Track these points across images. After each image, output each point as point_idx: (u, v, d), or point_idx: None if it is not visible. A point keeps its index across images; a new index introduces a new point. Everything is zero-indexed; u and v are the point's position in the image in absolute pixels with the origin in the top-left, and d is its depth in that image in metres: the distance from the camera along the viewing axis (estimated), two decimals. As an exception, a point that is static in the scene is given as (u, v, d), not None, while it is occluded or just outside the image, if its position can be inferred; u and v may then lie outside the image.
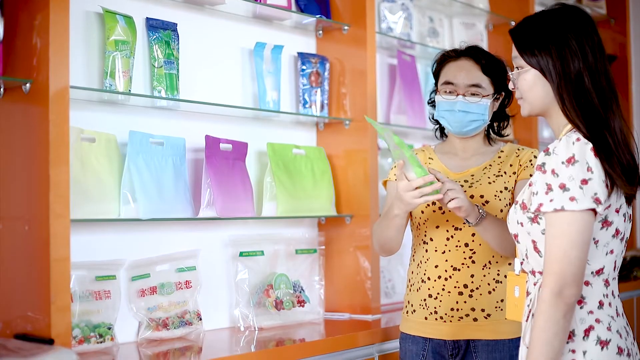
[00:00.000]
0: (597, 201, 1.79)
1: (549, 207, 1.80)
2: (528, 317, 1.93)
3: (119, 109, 2.70)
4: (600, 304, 1.87)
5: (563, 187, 1.79)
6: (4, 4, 2.30)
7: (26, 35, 2.27)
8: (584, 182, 1.78)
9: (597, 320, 1.85)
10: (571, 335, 1.84)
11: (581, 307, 1.86)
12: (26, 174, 2.26)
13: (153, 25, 2.74)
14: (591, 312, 1.86)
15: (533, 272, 1.95)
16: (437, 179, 2.23)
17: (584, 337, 1.83)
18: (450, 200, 2.24)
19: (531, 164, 2.45)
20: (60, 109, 2.22)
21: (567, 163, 1.80)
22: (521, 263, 2.01)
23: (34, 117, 2.24)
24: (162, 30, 2.76)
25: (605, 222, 1.85)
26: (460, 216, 2.32)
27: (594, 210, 1.79)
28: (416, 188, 2.21)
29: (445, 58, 2.57)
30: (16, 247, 2.28)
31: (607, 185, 1.81)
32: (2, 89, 2.32)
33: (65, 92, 2.24)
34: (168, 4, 2.86)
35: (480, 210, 2.30)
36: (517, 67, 1.97)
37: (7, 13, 2.30)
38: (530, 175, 2.35)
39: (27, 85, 2.25)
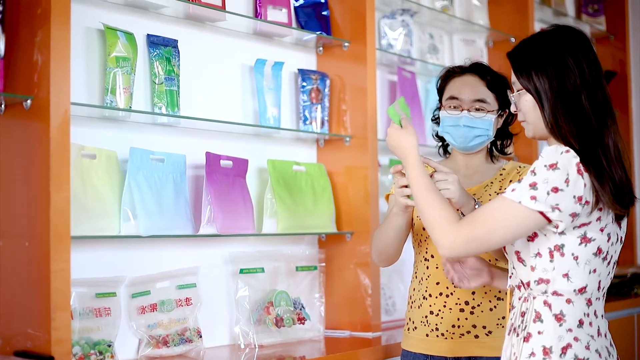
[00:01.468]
0: (555, 209, 1.80)
1: (508, 195, 1.84)
2: (510, 331, 1.96)
3: (119, 126, 2.70)
4: (580, 323, 1.88)
5: (533, 185, 1.81)
6: (5, 20, 2.30)
7: (27, 51, 2.27)
8: (555, 190, 1.80)
9: (576, 339, 1.86)
10: (548, 352, 1.85)
11: (560, 325, 1.87)
12: (26, 191, 2.26)
13: (154, 41, 2.75)
14: (570, 330, 1.87)
15: (519, 287, 1.96)
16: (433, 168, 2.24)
17: (561, 355, 1.85)
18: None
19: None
20: (61, 125, 2.22)
21: (549, 167, 1.81)
22: (510, 277, 2.02)
23: (34, 134, 2.24)
24: (162, 47, 2.76)
25: (585, 239, 1.86)
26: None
27: (545, 217, 1.81)
28: (402, 187, 2.23)
29: (450, 74, 2.57)
30: (16, 264, 2.28)
31: (585, 202, 1.81)
32: (3, 106, 2.32)
33: (66, 108, 2.24)
34: (169, 20, 2.87)
35: (477, 206, 2.29)
36: (518, 90, 1.97)
37: (8, 29, 2.31)
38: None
39: (28, 101, 2.25)
